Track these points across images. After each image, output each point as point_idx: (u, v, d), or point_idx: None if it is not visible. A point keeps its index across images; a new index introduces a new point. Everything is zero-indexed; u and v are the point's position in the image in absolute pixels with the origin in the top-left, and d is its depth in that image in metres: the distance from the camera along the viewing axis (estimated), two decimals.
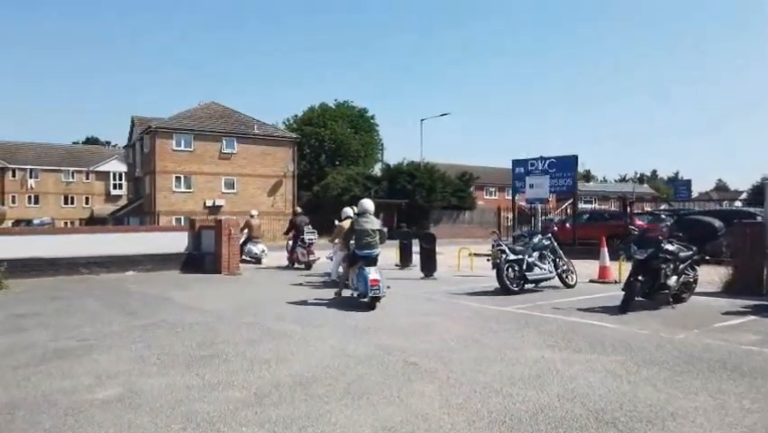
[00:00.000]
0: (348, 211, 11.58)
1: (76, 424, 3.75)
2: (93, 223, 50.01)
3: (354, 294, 9.09)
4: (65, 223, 55.00)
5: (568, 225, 19.96)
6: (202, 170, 38.00)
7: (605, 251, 11.76)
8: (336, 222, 16.80)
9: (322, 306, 8.72)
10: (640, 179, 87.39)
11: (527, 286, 10.08)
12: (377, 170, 46.22)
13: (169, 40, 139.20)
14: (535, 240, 10.59)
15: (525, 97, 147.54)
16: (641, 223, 18.74)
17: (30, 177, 60.04)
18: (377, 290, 8.49)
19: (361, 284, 8.76)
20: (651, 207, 27.21)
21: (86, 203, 62.00)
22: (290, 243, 16.17)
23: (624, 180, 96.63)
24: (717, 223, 14.65)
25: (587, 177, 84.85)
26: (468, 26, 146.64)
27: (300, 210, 16.69)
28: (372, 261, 8.92)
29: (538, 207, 13.57)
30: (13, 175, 59.29)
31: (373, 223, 9.13)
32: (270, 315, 7.85)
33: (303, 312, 8.08)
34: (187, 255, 14.51)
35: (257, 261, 17.13)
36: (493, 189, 57.84)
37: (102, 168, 63.21)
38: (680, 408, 4.00)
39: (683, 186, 30.23)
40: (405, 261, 15.00)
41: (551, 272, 10.31)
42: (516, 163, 20.58)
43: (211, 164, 38.36)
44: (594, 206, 60.33)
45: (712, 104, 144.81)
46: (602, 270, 11.68)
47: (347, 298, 9.30)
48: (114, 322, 7.36)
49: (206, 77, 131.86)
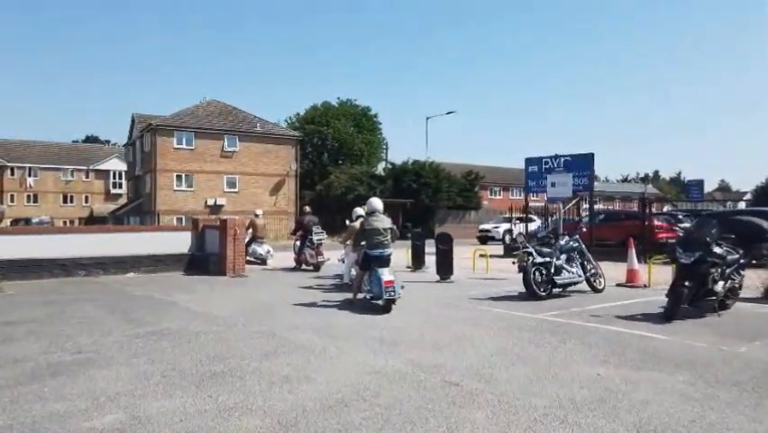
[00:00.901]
0: (359, 211, 10.95)
1: None
2: (92, 222, 49.36)
3: (367, 296, 8.53)
4: (64, 222, 54.43)
5: (583, 225, 19.36)
6: (203, 169, 37.34)
7: (633, 253, 11.12)
8: (347, 222, 16.23)
9: (336, 311, 8.08)
10: (644, 179, 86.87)
11: (554, 290, 9.46)
12: (380, 169, 45.52)
13: (170, 38, 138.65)
14: (562, 242, 9.96)
15: (526, 97, 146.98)
16: (659, 223, 18.13)
17: (29, 175, 59.38)
18: (392, 292, 7.92)
19: (375, 286, 8.19)
20: (667, 208, 26.57)
21: (86, 202, 61.34)
22: (297, 243, 15.55)
23: (626, 181, 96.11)
24: (766, 224, 13.98)
25: None
26: (469, 26, 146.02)
27: (309, 209, 16.00)
28: (385, 261, 8.37)
29: (560, 206, 12.94)
30: (12, 174, 58.63)
31: (384, 221, 8.56)
32: (284, 322, 7.21)
33: (318, 319, 7.45)
34: (190, 256, 13.88)
35: (262, 262, 16.51)
36: (497, 189, 57.23)
37: (102, 166, 62.56)
38: None
39: (695, 186, 29.53)
40: (417, 262, 14.37)
41: (579, 276, 9.68)
42: (530, 161, 19.97)
43: (212, 163, 37.70)
44: (598, 206, 59.66)
45: (712, 104, 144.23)
46: (630, 273, 11.04)
47: (360, 300, 8.73)
48: (114, 331, 6.72)
49: (208, 75, 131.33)
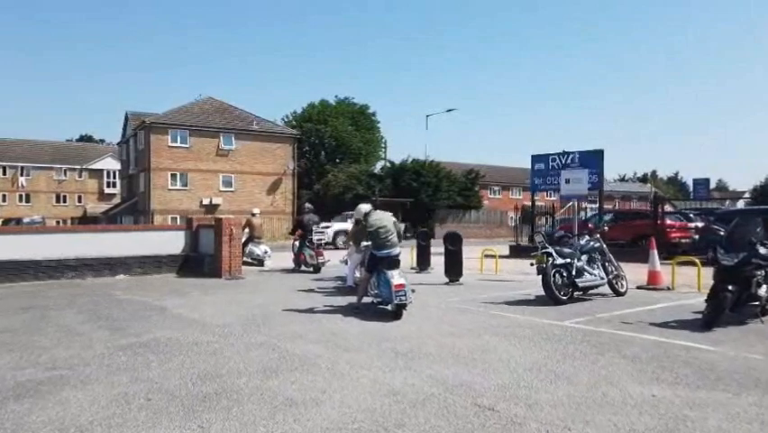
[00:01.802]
0: (365, 209, 10.25)
1: None
2: (86, 222, 48.45)
3: (375, 301, 7.86)
4: (57, 222, 53.53)
5: (591, 225, 18.73)
6: (199, 168, 36.55)
7: (654, 253, 10.45)
8: (354, 222, 15.55)
9: (341, 318, 7.39)
10: (643, 178, 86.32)
11: (575, 294, 8.79)
12: (379, 168, 44.81)
13: (165, 36, 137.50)
14: (582, 241, 9.31)
15: (524, 96, 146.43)
16: (672, 222, 17.52)
17: (21, 175, 58.40)
18: (402, 297, 7.25)
19: (384, 290, 7.52)
20: (676, 207, 25.98)
21: (79, 201, 60.39)
22: (296, 243, 14.86)
23: (623, 180, 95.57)
24: None
25: None
26: (469, 25, 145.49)
27: (309, 208, 15.25)
28: (394, 262, 7.72)
29: (575, 204, 12.29)
30: (4, 173, 57.66)
31: (386, 219, 7.89)
32: (285, 331, 6.52)
33: (323, 327, 6.75)
34: (183, 257, 13.17)
35: (259, 263, 15.82)
36: (497, 189, 56.55)
37: (95, 165, 61.60)
38: None
39: (701, 184, 28.96)
40: (423, 263, 13.71)
41: (602, 279, 9.02)
42: (536, 159, 19.35)
43: (208, 161, 36.92)
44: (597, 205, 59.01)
45: (708, 104, 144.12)
46: (652, 275, 10.38)
47: (365, 304, 8.05)
48: (96, 342, 6.01)
49: (203, 73, 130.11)
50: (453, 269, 11.30)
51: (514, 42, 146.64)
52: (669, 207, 36.96)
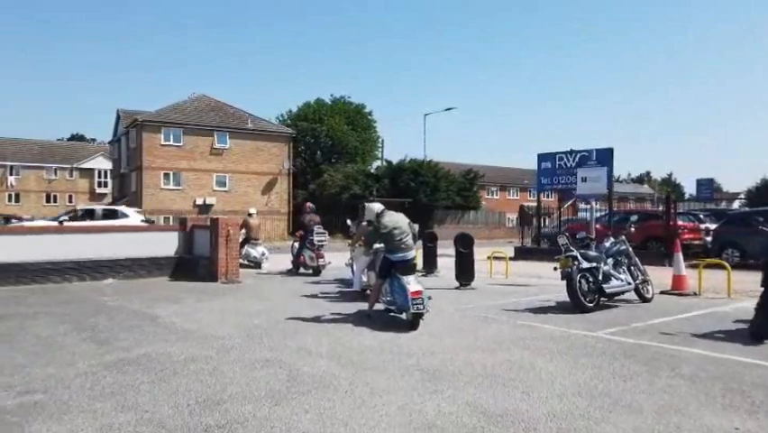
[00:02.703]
0: (374, 208, 9.59)
1: None
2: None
3: (391, 308, 7.22)
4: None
5: (599, 226, 18.16)
6: (192, 167, 35.73)
7: (679, 257, 9.84)
8: (349, 222, 14.81)
9: (352, 328, 6.72)
10: (639, 179, 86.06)
11: (601, 300, 8.17)
12: (379, 166, 44.12)
13: (159, 34, 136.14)
14: (607, 244, 8.70)
15: (523, 96, 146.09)
16: (684, 223, 16.96)
17: (10, 174, 57.30)
18: (420, 305, 6.61)
19: (399, 297, 6.88)
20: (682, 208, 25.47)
21: (70, 201, 59.16)
22: (296, 244, 14.19)
23: (618, 181, 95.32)
24: None
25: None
26: (468, 25, 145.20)
27: (311, 207, 14.55)
28: (409, 267, 7.10)
29: (593, 204, 11.69)
30: None
31: (401, 219, 7.26)
32: (292, 344, 5.84)
33: (333, 339, 6.08)
34: (177, 259, 12.45)
35: (257, 265, 15.13)
36: (495, 189, 56.05)
37: (86, 165, 60.57)
38: None
39: (705, 184, 28.50)
40: (429, 266, 13.07)
41: (629, 284, 8.40)
42: (542, 158, 18.77)
43: (202, 160, 36.11)
44: (596, 205, 58.64)
45: (706, 105, 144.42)
46: (677, 279, 9.78)
47: (377, 311, 7.40)
48: (79, 358, 5.31)
49: (197, 72, 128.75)
50: (465, 273, 10.66)
51: (513, 42, 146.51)
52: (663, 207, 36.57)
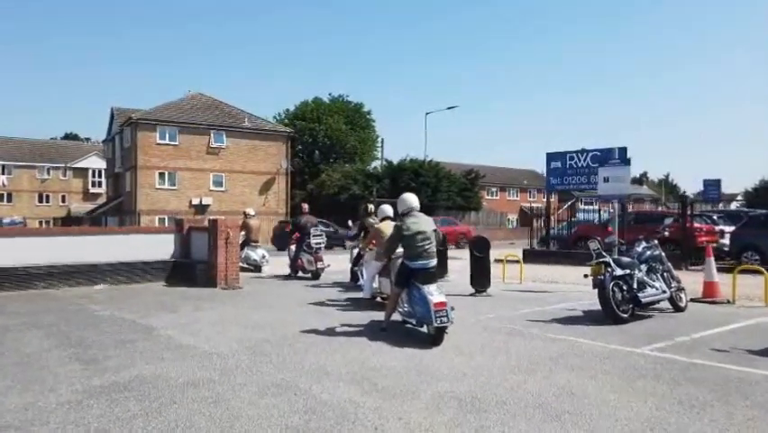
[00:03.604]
0: (387, 210, 8.96)
1: None
2: (69, 223, 46.60)
3: (412, 321, 6.56)
4: (39, 223, 51.60)
5: (610, 227, 17.56)
6: (188, 166, 34.97)
7: (711, 262, 9.24)
8: (350, 223, 14.18)
9: (368, 343, 6.05)
10: (638, 180, 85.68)
11: (635, 310, 7.53)
12: (375, 166, 43.44)
13: (154, 31, 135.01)
14: (639, 248, 8.06)
15: (522, 96, 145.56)
16: (700, 225, 16.38)
17: (2, 173, 56.24)
18: (444, 317, 5.96)
19: (419, 308, 6.22)
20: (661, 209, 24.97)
21: (63, 201, 58.33)
22: (292, 247, 13.55)
23: None
24: None
25: None
26: (468, 25, 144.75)
27: (307, 208, 13.92)
28: (430, 275, 6.45)
29: (616, 206, 11.07)
30: None
31: (427, 223, 6.60)
32: (305, 364, 5.18)
33: (350, 357, 5.42)
34: (173, 264, 11.76)
35: (256, 268, 14.48)
36: (495, 190, 55.47)
37: (80, 164, 59.56)
38: None
39: (712, 185, 27.86)
40: (439, 270, 12.35)
41: (663, 292, 7.77)
42: (552, 157, 18.15)
43: (198, 159, 35.35)
44: (595, 206, 58.27)
45: (703, 105, 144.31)
46: (709, 286, 9.16)
47: (394, 322, 6.79)
48: (62, 381, 4.64)
49: (192, 71, 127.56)
50: (481, 278, 10.01)
51: (513, 42, 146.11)
52: (662, 208, 36.08)
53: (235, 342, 6.11)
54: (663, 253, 8.24)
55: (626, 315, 7.21)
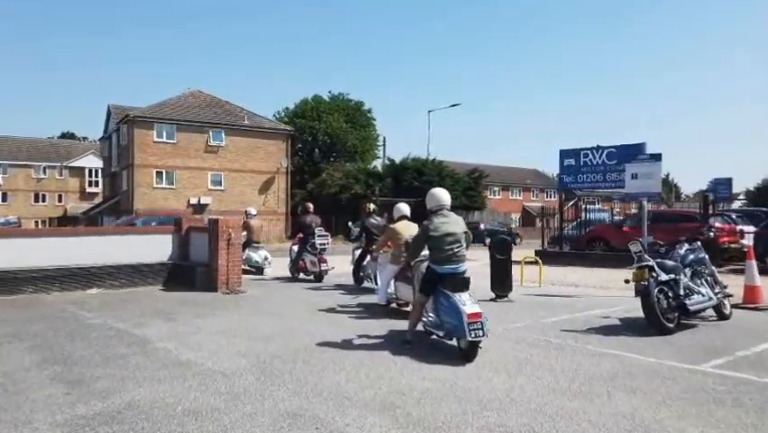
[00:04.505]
0: (403, 209, 8.28)
1: None
2: (66, 222, 45.82)
3: (439, 334, 5.77)
4: (35, 223, 50.84)
5: (626, 227, 16.93)
6: (186, 165, 34.25)
7: (753, 265, 8.54)
8: (350, 224, 13.57)
9: (392, 359, 5.36)
10: None
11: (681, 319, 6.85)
12: (376, 165, 42.74)
13: (152, 30, 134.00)
14: (681, 251, 7.37)
15: (522, 96, 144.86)
16: (721, 225, 15.72)
17: None
18: (479, 330, 5.25)
19: (449, 319, 5.52)
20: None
21: (59, 201, 57.58)
22: (294, 248, 12.90)
23: None
24: None
25: None
26: (468, 26, 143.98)
27: (311, 207, 13.24)
28: (460, 282, 5.69)
29: (645, 203, 10.36)
30: None
31: (457, 223, 5.90)
32: (322, 386, 4.48)
33: (375, 378, 4.73)
34: (171, 266, 11.06)
35: (258, 271, 13.78)
36: (497, 189, 54.80)
37: (77, 163, 58.81)
38: None
39: (723, 184, 27.15)
40: None
41: (710, 299, 7.09)
42: (565, 154, 17.52)
43: (196, 158, 34.64)
44: (598, 206, 57.64)
45: (701, 105, 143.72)
46: (751, 291, 8.47)
47: (417, 333, 6.05)
48: (41, 409, 3.94)
49: (190, 69, 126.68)
50: (502, 282, 9.32)
51: (512, 43, 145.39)
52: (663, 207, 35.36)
53: (241, 357, 5.42)
54: (707, 256, 7.56)
55: (671, 324, 6.54)
